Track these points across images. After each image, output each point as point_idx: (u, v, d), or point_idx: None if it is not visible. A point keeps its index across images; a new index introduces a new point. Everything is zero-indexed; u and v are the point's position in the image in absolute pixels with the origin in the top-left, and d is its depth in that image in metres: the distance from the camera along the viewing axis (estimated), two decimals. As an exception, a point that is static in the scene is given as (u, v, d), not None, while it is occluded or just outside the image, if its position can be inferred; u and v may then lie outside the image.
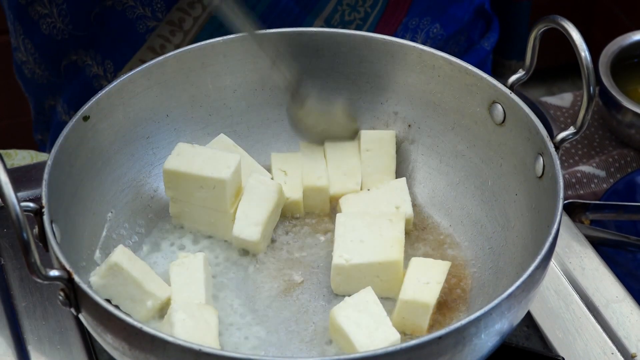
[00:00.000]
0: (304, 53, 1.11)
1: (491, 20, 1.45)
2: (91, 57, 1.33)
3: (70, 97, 1.39)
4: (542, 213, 0.95)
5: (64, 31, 1.31)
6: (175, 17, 1.27)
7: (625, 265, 1.19)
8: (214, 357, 0.79)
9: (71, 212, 0.97)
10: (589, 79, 0.94)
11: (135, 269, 0.94)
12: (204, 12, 1.27)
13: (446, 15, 1.36)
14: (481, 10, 1.41)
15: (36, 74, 1.39)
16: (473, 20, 1.41)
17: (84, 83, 1.35)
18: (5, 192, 0.79)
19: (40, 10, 1.31)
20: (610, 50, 1.42)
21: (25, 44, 1.37)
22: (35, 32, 1.34)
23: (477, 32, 1.43)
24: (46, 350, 0.99)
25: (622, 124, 1.38)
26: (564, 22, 0.95)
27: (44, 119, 1.46)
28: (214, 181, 1.00)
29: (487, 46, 1.43)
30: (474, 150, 1.08)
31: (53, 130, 1.45)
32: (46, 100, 1.43)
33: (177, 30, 1.27)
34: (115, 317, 0.82)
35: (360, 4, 1.29)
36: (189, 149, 1.02)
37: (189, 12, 1.26)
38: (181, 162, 1.01)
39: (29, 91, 1.46)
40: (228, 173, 1.00)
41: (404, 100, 1.12)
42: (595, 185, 1.35)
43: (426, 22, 1.34)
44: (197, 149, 1.02)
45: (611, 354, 1.01)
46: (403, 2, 1.31)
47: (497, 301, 0.83)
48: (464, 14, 1.38)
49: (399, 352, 0.79)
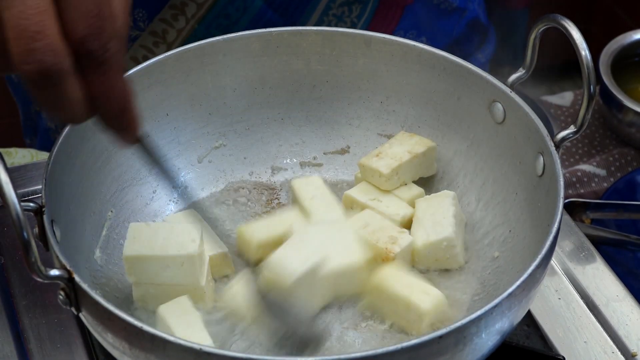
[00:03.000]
0: (302, 52, 1.11)
1: (487, 32, 1.45)
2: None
3: None
4: (542, 212, 0.95)
5: None
6: (159, 29, 1.26)
7: (625, 264, 1.19)
8: (214, 356, 0.79)
9: (71, 211, 0.96)
10: (590, 78, 0.94)
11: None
12: (187, 24, 1.26)
13: (433, 29, 1.36)
14: (475, 24, 1.41)
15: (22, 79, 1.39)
16: (467, 35, 1.41)
17: None
18: (5, 191, 0.79)
19: None
20: (610, 49, 1.42)
21: None
22: None
23: (472, 45, 1.43)
24: (46, 350, 0.99)
25: (622, 122, 1.38)
26: (564, 21, 0.95)
27: (32, 124, 1.46)
28: (181, 258, 0.93)
29: (482, 58, 1.43)
30: (473, 149, 1.08)
31: (40, 135, 1.44)
32: (32, 106, 1.43)
33: (161, 42, 1.26)
34: (115, 317, 0.82)
35: (346, 14, 1.30)
36: (145, 229, 0.95)
37: (172, 24, 1.26)
38: (141, 245, 0.93)
39: (17, 96, 1.46)
40: (195, 247, 0.93)
41: (404, 100, 1.11)
42: (595, 184, 1.35)
43: (411, 36, 1.34)
44: (152, 227, 0.95)
45: (612, 353, 1.01)
46: (392, 14, 1.31)
47: (498, 300, 0.83)
48: (452, 28, 1.38)
49: (399, 351, 0.79)
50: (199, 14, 1.26)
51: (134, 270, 0.94)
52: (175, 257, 0.93)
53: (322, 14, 1.29)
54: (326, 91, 1.13)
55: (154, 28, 1.26)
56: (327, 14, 1.29)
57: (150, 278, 0.94)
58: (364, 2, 1.30)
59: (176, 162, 1.10)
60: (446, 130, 1.10)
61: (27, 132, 1.49)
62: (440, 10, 1.36)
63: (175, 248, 0.93)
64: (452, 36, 1.38)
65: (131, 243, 0.94)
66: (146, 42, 1.27)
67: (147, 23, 1.26)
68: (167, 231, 0.94)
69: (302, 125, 1.14)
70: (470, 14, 1.40)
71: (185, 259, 0.93)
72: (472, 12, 1.40)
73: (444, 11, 1.36)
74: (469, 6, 1.39)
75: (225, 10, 1.26)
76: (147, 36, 1.27)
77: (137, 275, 0.94)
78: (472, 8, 1.40)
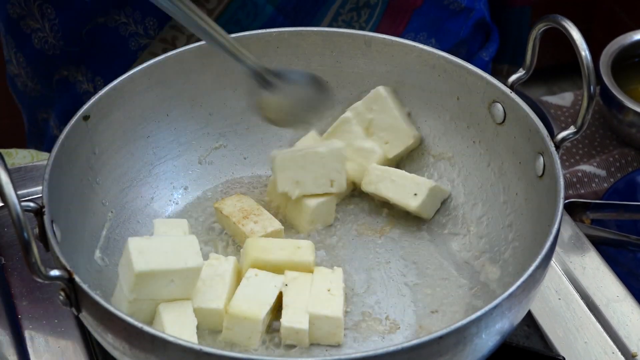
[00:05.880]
0: (304, 52, 1.11)
1: (491, 31, 1.45)
2: (82, 74, 1.33)
3: (61, 111, 1.38)
4: (542, 212, 0.95)
5: (55, 46, 1.31)
6: (169, 35, 1.26)
7: (625, 264, 1.19)
8: (215, 356, 0.79)
9: (71, 211, 0.96)
10: (590, 79, 0.94)
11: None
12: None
13: (442, 30, 1.36)
14: (481, 24, 1.42)
15: (28, 87, 1.39)
16: (473, 34, 1.41)
17: (74, 99, 1.35)
18: (5, 192, 0.79)
19: (32, 25, 1.31)
20: (610, 49, 1.42)
21: (18, 57, 1.37)
22: (27, 46, 1.34)
23: (477, 44, 1.44)
24: (47, 350, 0.99)
25: (622, 123, 1.38)
26: (564, 21, 0.95)
27: (38, 132, 1.46)
28: (188, 271, 0.92)
29: (486, 56, 1.43)
30: (474, 149, 1.08)
31: (47, 142, 1.44)
32: (39, 114, 1.43)
33: (170, 48, 1.26)
34: (115, 317, 0.82)
35: (355, 19, 1.30)
36: (146, 243, 0.91)
37: (183, 31, 1.26)
38: (149, 260, 0.90)
39: (22, 103, 1.46)
40: (200, 260, 0.92)
41: (404, 100, 1.11)
42: (596, 185, 1.35)
43: (422, 38, 1.34)
44: (152, 241, 0.92)
45: (612, 353, 1.01)
46: (400, 18, 1.32)
47: (498, 301, 0.83)
48: (459, 28, 1.38)
49: (399, 351, 0.79)
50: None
51: (140, 287, 0.90)
52: (182, 270, 0.91)
53: (332, 19, 1.29)
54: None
55: (164, 35, 1.27)
56: (336, 19, 1.30)
57: (151, 294, 0.92)
58: (373, 7, 1.30)
59: (177, 162, 1.10)
60: (446, 131, 1.10)
61: (31, 139, 1.49)
62: (449, 11, 1.36)
63: (181, 261, 0.91)
64: (459, 36, 1.39)
65: (139, 259, 0.90)
66: (156, 49, 1.27)
67: (157, 31, 1.26)
68: (169, 244, 0.92)
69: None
70: (477, 14, 1.40)
71: (191, 271, 0.92)
72: (479, 11, 1.40)
73: (453, 12, 1.36)
74: (476, 6, 1.39)
75: (235, 16, 1.26)
76: (157, 43, 1.28)
77: (140, 292, 0.91)
78: (479, 7, 1.40)
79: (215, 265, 0.97)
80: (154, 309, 0.93)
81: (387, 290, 1.01)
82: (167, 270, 0.91)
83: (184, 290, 0.93)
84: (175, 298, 0.93)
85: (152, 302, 0.93)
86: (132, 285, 0.90)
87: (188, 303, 0.93)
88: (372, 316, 0.98)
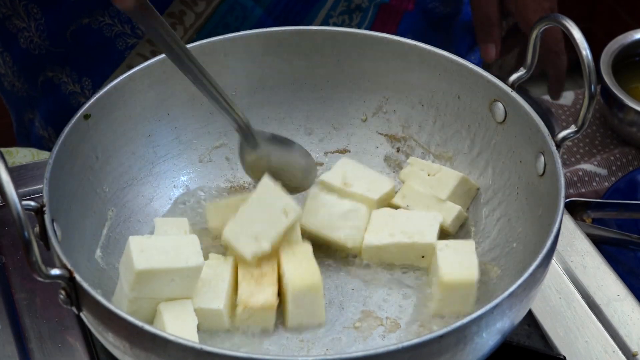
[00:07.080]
0: (303, 52, 1.11)
1: None
2: (66, 75, 1.33)
3: (45, 112, 1.38)
4: (543, 211, 0.95)
5: (41, 46, 1.31)
6: None
7: (626, 263, 1.19)
8: (215, 356, 0.79)
9: (72, 210, 0.96)
10: (590, 77, 0.94)
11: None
12: (186, 34, 1.26)
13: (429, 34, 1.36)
14: (468, 26, 1.41)
15: (15, 86, 1.39)
16: (460, 36, 1.41)
17: (59, 100, 1.35)
18: (6, 191, 0.79)
19: (18, 24, 1.31)
20: (611, 48, 1.41)
21: (5, 57, 1.37)
22: (13, 46, 1.34)
23: (465, 47, 1.43)
24: (47, 350, 0.99)
25: (623, 122, 1.38)
26: (565, 20, 0.95)
27: (25, 132, 1.46)
28: (189, 270, 0.92)
29: (474, 59, 1.43)
30: (474, 149, 1.08)
31: (33, 143, 1.44)
32: (25, 114, 1.43)
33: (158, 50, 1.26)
34: (116, 316, 0.82)
35: (347, 22, 1.30)
36: (147, 242, 0.91)
37: None
38: (150, 258, 0.90)
39: (9, 103, 1.46)
40: (201, 259, 0.92)
41: (404, 99, 1.12)
42: (596, 184, 1.35)
43: None
44: (153, 240, 0.92)
45: (612, 353, 1.01)
46: (392, 21, 1.32)
47: (499, 300, 0.83)
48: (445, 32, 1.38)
49: (400, 351, 0.79)
50: (198, 23, 1.26)
51: (140, 285, 0.90)
52: (183, 269, 0.91)
53: (322, 22, 1.29)
54: (327, 91, 1.13)
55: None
56: (327, 22, 1.29)
57: (152, 292, 0.92)
58: (365, 10, 1.30)
59: (177, 161, 1.10)
60: (447, 130, 1.10)
61: (20, 139, 1.49)
62: (434, 14, 1.36)
63: (182, 260, 0.91)
64: (446, 39, 1.39)
65: (139, 256, 0.90)
66: (143, 50, 1.27)
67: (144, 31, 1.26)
68: (169, 243, 0.92)
69: (303, 125, 1.14)
70: (464, 17, 1.40)
71: (192, 270, 0.92)
72: (465, 14, 1.40)
73: (439, 15, 1.36)
74: (462, 9, 1.39)
75: (224, 20, 1.26)
76: (145, 44, 1.27)
77: (141, 290, 0.91)
78: (466, 11, 1.40)
79: (214, 266, 0.97)
80: (154, 308, 0.93)
81: (388, 289, 1.01)
82: (168, 269, 0.91)
83: (185, 289, 0.93)
84: (176, 297, 0.93)
85: (152, 301, 0.93)
86: (133, 284, 0.90)
87: (189, 302, 0.93)
88: (373, 315, 0.98)
